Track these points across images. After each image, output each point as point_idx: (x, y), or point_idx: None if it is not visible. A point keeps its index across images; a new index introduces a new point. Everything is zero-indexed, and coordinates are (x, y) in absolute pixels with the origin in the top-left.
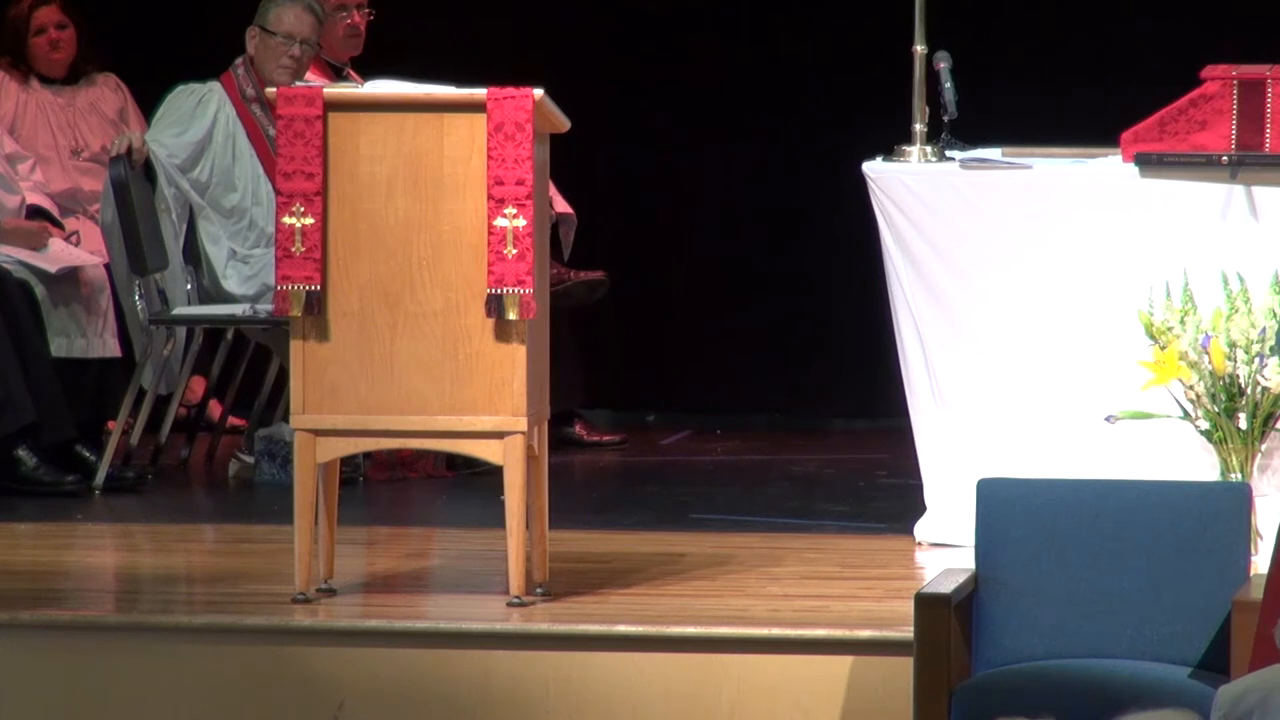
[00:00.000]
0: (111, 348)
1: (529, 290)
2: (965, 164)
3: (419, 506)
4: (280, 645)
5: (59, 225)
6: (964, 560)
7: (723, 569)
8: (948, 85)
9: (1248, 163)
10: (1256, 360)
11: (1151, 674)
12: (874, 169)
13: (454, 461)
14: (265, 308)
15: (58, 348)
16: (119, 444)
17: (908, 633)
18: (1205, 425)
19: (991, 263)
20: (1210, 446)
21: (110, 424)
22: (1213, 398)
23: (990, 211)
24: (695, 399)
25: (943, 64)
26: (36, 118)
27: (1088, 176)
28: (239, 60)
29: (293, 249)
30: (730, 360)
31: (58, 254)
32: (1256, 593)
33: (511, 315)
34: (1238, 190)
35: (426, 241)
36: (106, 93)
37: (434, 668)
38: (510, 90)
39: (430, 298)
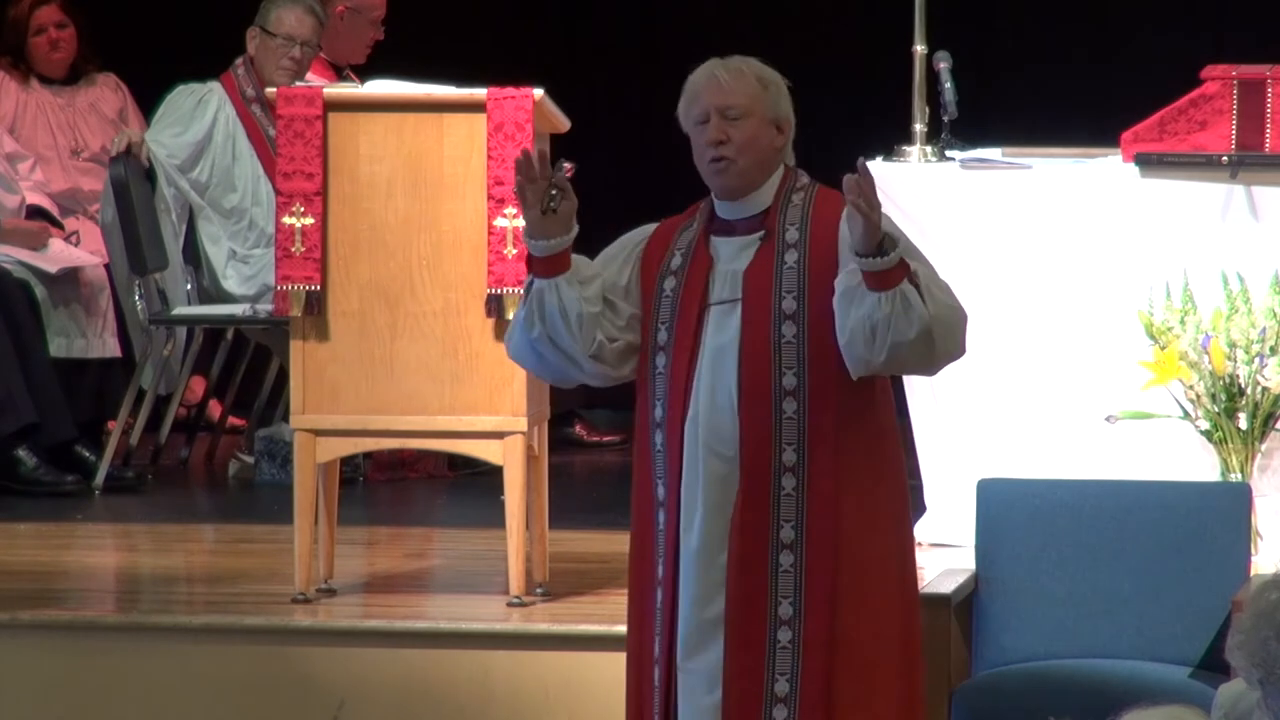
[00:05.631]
0: (111, 348)
1: None
2: (965, 164)
3: (419, 506)
4: (280, 645)
5: (59, 225)
6: (964, 560)
7: None
8: (948, 85)
9: (1248, 163)
10: (1256, 360)
11: (1151, 674)
12: (874, 169)
13: (454, 461)
14: (265, 308)
15: (58, 348)
16: (119, 444)
17: None
18: (1205, 425)
19: (991, 263)
20: (1210, 446)
21: (110, 424)
22: (1213, 398)
23: (990, 212)
24: None
25: (943, 64)
26: (36, 118)
27: (1088, 176)
28: (239, 60)
29: (293, 249)
30: None
31: (58, 254)
32: None
33: (511, 315)
34: (1238, 190)
35: (426, 241)
36: (106, 93)
37: (434, 668)
38: (510, 90)
39: (430, 298)
